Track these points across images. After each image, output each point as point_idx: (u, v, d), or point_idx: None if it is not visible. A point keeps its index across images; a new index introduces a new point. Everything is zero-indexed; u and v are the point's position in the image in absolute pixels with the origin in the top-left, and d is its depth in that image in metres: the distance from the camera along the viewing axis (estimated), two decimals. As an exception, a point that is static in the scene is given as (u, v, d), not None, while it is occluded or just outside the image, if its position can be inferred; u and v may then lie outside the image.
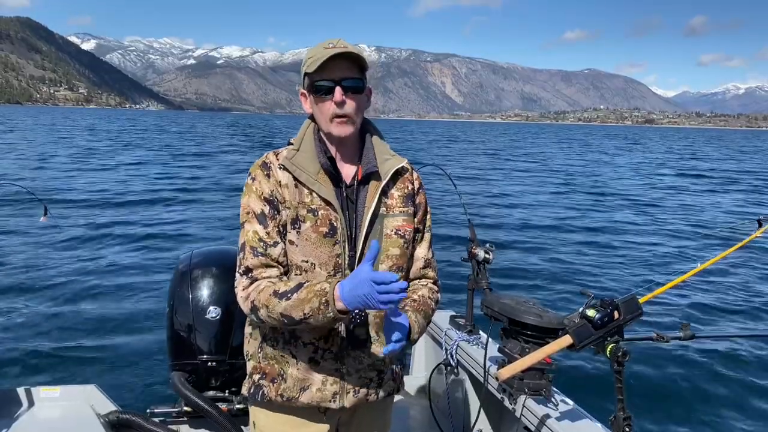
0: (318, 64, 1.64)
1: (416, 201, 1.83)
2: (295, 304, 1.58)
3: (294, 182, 1.71)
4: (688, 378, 5.70)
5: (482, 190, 20.79)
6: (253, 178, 1.73)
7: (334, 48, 1.65)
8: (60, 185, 17.63)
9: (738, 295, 8.53)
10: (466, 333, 3.00)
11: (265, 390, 1.78)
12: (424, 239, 1.88)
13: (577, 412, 2.25)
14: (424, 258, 1.87)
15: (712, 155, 53.66)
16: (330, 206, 1.69)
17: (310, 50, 1.72)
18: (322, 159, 1.72)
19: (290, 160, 1.71)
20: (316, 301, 1.55)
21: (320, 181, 1.70)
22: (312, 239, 1.68)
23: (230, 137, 55.36)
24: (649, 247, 12.03)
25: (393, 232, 1.76)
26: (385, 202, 1.76)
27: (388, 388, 1.86)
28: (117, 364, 5.43)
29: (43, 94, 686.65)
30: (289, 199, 1.70)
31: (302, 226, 1.69)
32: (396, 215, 1.77)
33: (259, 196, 1.70)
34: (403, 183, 1.81)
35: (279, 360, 1.77)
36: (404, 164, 1.81)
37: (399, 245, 1.77)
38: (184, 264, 3.05)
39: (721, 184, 26.41)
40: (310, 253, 1.69)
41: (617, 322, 1.92)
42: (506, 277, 8.92)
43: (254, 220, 1.70)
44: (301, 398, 1.75)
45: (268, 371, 1.78)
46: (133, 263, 9.16)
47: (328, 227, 1.69)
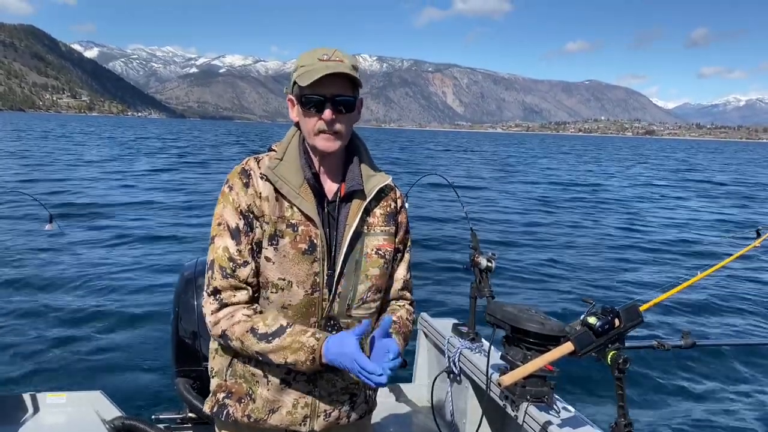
0: (311, 80, 1.55)
1: (398, 220, 1.78)
2: (275, 349, 1.55)
3: (275, 194, 1.63)
4: (689, 385, 5.72)
5: (484, 197, 20.82)
6: (230, 186, 1.64)
7: (328, 61, 1.57)
8: (69, 190, 17.68)
9: (738, 304, 8.57)
10: (469, 341, 3.02)
11: (230, 410, 1.70)
12: (404, 260, 1.83)
13: (579, 419, 2.27)
14: (403, 279, 1.83)
15: (712, 166, 53.71)
16: (311, 222, 1.62)
17: (303, 57, 1.63)
18: (306, 173, 1.65)
19: (272, 170, 1.63)
20: (302, 355, 1.54)
21: (302, 195, 1.63)
22: (290, 256, 1.61)
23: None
24: (650, 256, 12.07)
25: (373, 251, 1.71)
26: (367, 221, 1.71)
27: (360, 411, 1.81)
28: (123, 370, 5.45)
29: (46, 102, 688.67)
30: (268, 213, 1.62)
31: (280, 242, 1.61)
32: (377, 234, 1.72)
33: (235, 208, 1.62)
34: (386, 201, 1.76)
35: (248, 379, 1.70)
36: (388, 182, 1.76)
37: (379, 265, 1.71)
38: (189, 271, 3.07)
39: (717, 195, 26.43)
40: (288, 271, 1.62)
41: (618, 329, 1.94)
42: (508, 286, 8.95)
43: (226, 234, 1.61)
44: (269, 420, 1.69)
45: (235, 390, 1.71)
46: (140, 269, 9.20)
47: (308, 244, 1.62)
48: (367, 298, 1.72)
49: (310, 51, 1.63)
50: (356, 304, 1.70)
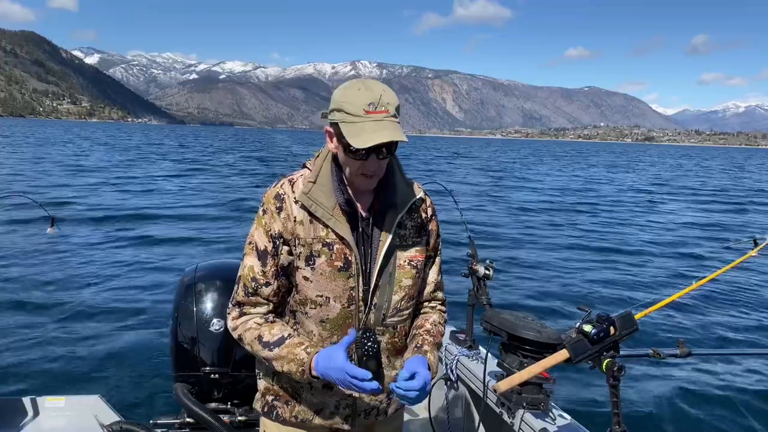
0: (360, 145, 1.52)
1: (429, 228, 1.85)
2: (274, 357, 1.68)
3: (309, 218, 1.69)
4: (684, 394, 5.73)
5: (481, 204, 20.85)
6: (264, 210, 1.72)
7: (375, 117, 1.54)
8: (66, 195, 17.70)
9: (733, 313, 8.57)
10: (466, 348, 3.04)
11: (279, 411, 1.84)
12: (435, 263, 1.90)
13: (574, 427, 2.28)
14: (434, 282, 1.91)
15: (712, 174, 53.81)
16: (344, 242, 1.68)
17: (346, 95, 1.57)
18: (339, 198, 1.69)
19: (306, 194, 1.68)
20: (294, 366, 1.66)
21: (336, 217, 1.68)
22: (326, 273, 1.69)
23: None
24: (645, 265, 12.08)
25: (406, 263, 1.77)
26: (399, 233, 1.76)
27: (396, 404, 1.92)
28: (121, 375, 5.45)
29: (46, 108, 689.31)
30: (303, 236, 1.69)
31: (317, 261, 1.69)
32: (409, 246, 1.78)
33: (266, 231, 1.70)
34: (417, 213, 1.81)
35: (293, 385, 1.81)
36: (421, 195, 1.82)
37: (411, 276, 1.79)
38: (189, 277, 3.10)
39: (713, 201, 26.46)
40: (325, 287, 1.70)
41: (613, 337, 1.95)
42: (506, 294, 8.96)
43: (254, 255, 1.71)
44: (314, 420, 1.81)
45: (282, 394, 1.83)
46: (140, 274, 9.22)
47: (343, 261, 1.69)
48: (401, 307, 1.80)
49: (354, 89, 1.58)
50: (391, 313, 1.78)
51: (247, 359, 2.84)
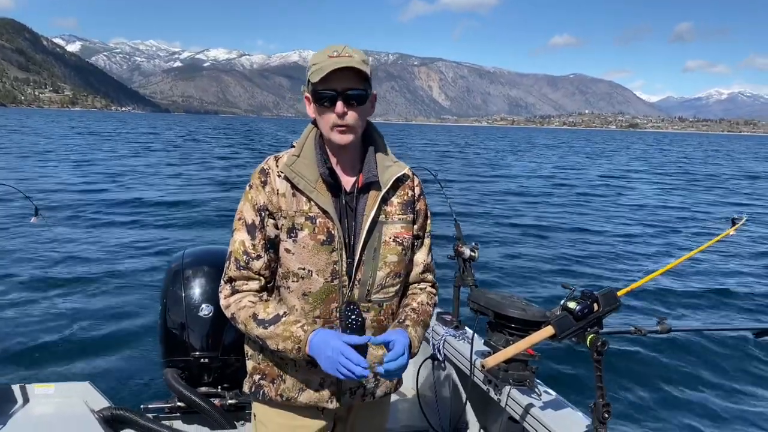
0: (321, 76, 1.63)
1: (416, 208, 1.86)
2: (270, 336, 1.69)
3: (292, 190, 1.72)
4: (664, 369, 5.91)
5: (469, 188, 20.95)
6: (251, 185, 1.76)
7: (337, 58, 1.64)
8: (52, 182, 17.51)
9: (711, 290, 8.81)
10: (453, 328, 3.07)
11: (265, 390, 1.85)
12: (424, 244, 1.91)
13: (559, 402, 2.33)
14: (423, 263, 1.92)
15: (694, 158, 54.41)
16: (327, 215, 1.71)
17: (314, 56, 1.71)
18: (321, 168, 1.72)
19: (290, 167, 1.72)
20: (290, 344, 1.66)
21: (318, 189, 1.71)
22: (309, 247, 1.71)
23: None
24: (627, 243, 12.37)
25: (391, 239, 1.78)
26: (384, 209, 1.78)
27: (384, 389, 1.91)
28: (111, 361, 5.47)
29: (28, 97, 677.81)
30: (285, 208, 1.72)
31: (299, 234, 1.71)
32: (395, 222, 1.79)
33: (253, 205, 1.74)
34: (403, 190, 1.83)
35: (278, 363, 1.83)
36: (405, 171, 1.83)
37: (397, 252, 1.79)
38: (176, 263, 3.11)
39: (695, 183, 26.80)
40: (307, 261, 1.72)
41: (597, 313, 1.99)
42: (491, 275, 9.08)
43: (243, 229, 1.74)
44: (299, 398, 1.82)
45: (268, 372, 1.84)
46: (128, 260, 9.22)
47: (326, 235, 1.71)
48: (385, 284, 1.80)
49: (322, 50, 1.70)
50: (375, 289, 1.79)
51: (236, 344, 2.86)
